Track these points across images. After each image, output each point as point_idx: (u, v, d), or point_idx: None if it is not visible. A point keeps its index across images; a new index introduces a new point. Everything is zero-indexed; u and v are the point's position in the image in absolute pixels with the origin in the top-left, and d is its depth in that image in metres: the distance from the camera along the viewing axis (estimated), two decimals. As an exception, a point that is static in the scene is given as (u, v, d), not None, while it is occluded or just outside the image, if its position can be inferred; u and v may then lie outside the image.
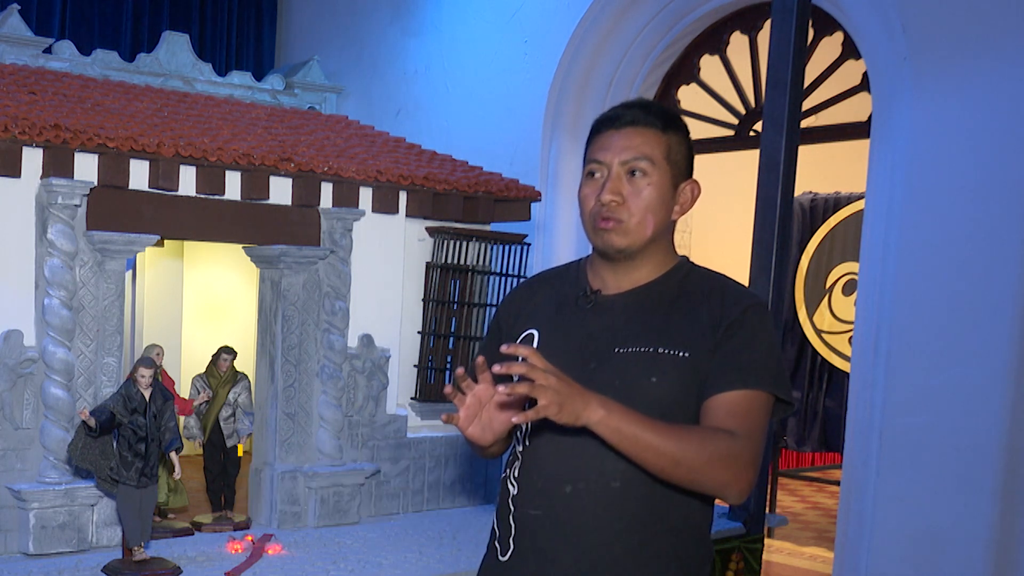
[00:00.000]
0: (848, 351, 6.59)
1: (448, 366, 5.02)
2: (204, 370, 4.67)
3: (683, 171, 2.02)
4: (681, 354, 1.93)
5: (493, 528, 2.17)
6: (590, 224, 2.01)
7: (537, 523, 2.01)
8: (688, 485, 1.86)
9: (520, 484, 2.04)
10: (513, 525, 2.06)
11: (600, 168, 1.99)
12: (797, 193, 5.22)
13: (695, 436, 1.83)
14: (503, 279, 5.14)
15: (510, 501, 2.07)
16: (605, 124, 2.01)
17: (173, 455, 3.76)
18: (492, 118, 7.10)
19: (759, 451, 1.90)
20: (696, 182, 2.04)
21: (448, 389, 1.86)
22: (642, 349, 1.95)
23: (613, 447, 1.83)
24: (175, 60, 7.49)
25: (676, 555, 2.01)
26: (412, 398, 5.01)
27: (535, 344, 2.05)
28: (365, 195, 4.70)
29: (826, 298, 8.08)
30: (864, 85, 5.68)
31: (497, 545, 2.12)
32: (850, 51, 5.81)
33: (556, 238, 6.79)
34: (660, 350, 1.94)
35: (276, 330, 4.50)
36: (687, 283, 2.03)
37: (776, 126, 4.42)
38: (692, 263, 2.09)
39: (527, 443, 2.08)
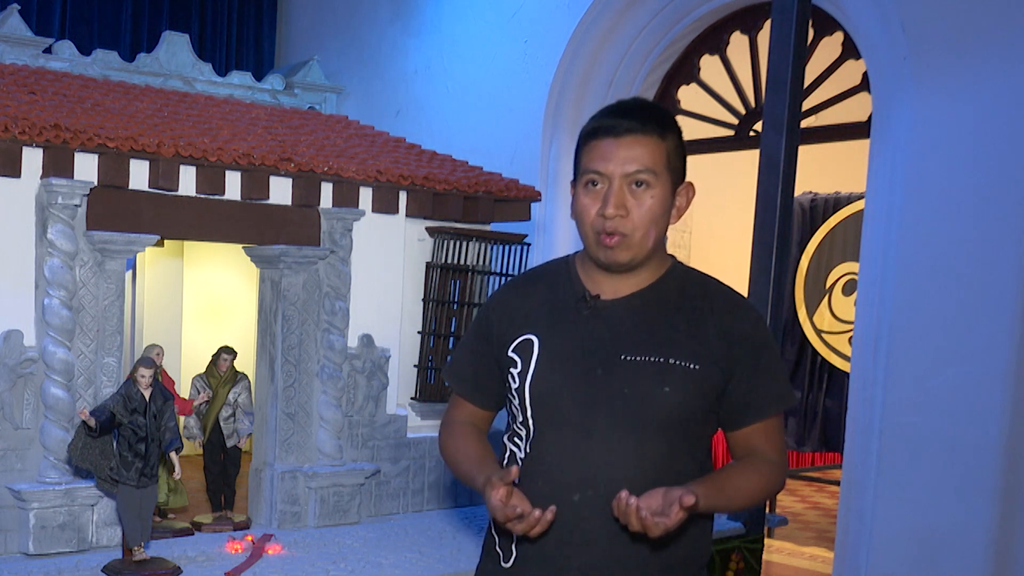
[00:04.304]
0: (848, 351, 6.59)
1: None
2: (204, 370, 4.67)
3: (681, 175, 2.01)
4: (692, 366, 1.94)
5: (491, 532, 2.15)
6: (592, 238, 1.97)
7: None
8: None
9: (523, 490, 2.01)
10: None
11: (601, 179, 1.94)
12: (797, 193, 5.22)
13: (753, 486, 2.00)
14: (503, 279, 5.14)
15: None
16: (602, 133, 1.95)
17: (173, 455, 3.76)
18: (492, 118, 7.10)
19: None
20: (691, 184, 2.03)
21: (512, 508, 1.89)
22: (651, 358, 1.94)
23: (621, 453, 1.92)
24: (175, 60, 7.49)
25: (680, 560, 2.01)
26: (412, 398, 5.01)
27: (535, 350, 2.02)
28: (365, 195, 4.70)
29: (826, 298, 8.09)
30: (864, 85, 5.68)
31: (499, 551, 2.10)
32: (850, 51, 5.81)
33: (556, 238, 6.78)
34: (671, 360, 1.93)
35: (276, 330, 4.50)
36: (685, 288, 2.02)
37: (776, 126, 4.42)
38: (682, 264, 2.09)
39: (529, 450, 2.05)
